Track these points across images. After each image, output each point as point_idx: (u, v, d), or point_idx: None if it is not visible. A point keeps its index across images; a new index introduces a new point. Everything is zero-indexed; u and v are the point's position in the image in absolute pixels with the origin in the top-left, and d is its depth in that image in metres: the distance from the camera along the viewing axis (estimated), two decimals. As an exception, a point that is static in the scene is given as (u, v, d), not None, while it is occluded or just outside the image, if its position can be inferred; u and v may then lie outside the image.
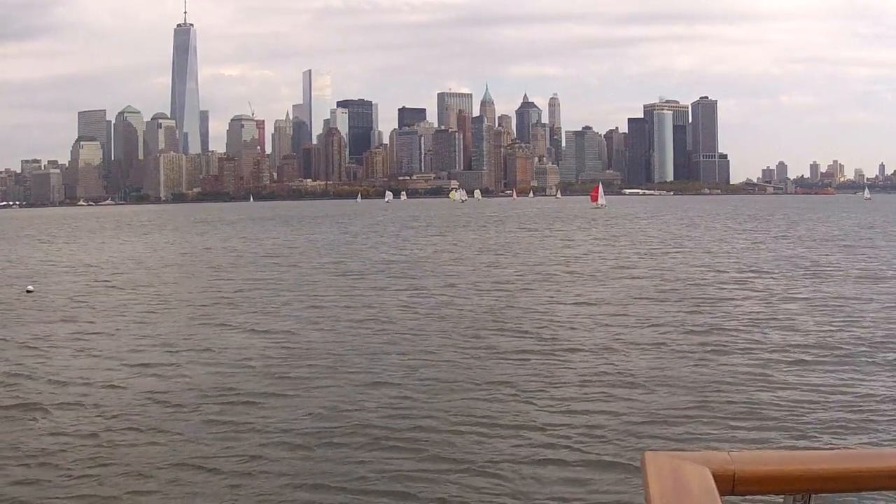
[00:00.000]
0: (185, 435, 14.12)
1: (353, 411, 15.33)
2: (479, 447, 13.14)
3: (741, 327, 23.61)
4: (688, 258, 48.98)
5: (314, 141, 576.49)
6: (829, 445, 11.82)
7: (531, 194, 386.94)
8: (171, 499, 11.37)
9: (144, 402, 16.22)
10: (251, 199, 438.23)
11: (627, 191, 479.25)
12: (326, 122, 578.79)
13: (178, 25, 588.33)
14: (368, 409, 15.49)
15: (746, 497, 2.13)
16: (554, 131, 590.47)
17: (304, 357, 20.47)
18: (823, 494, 2.17)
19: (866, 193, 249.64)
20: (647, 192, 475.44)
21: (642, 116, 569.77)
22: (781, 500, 2.18)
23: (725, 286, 33.93)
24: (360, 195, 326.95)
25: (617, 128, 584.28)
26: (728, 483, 2.04)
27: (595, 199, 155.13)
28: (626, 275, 39.18)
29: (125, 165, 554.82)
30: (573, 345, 21.34)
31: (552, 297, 31.04)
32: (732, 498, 2.08)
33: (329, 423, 14.63)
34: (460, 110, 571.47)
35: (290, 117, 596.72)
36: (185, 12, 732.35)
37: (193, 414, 15.45)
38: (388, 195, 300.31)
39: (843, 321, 24.42)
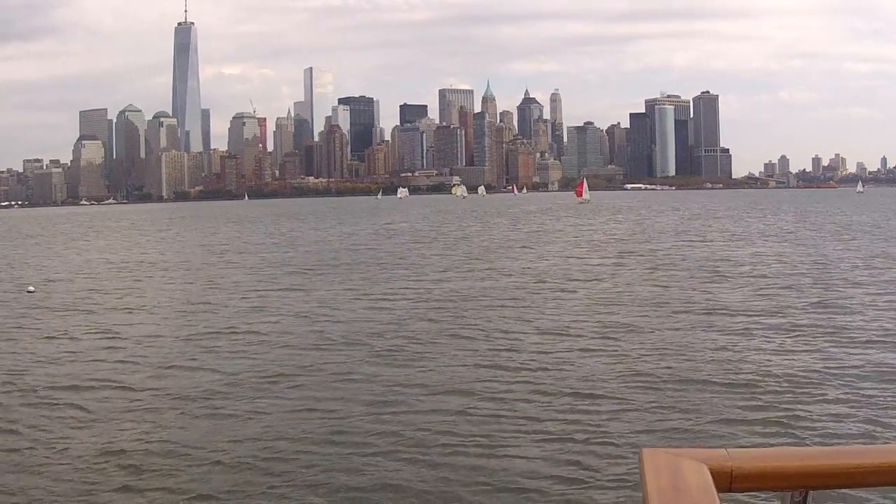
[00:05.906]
0: (281, 411, 14.57)
1: (452, 389, 15.78)
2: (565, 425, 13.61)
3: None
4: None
5: (316, 138, 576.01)
6: (827, 442, 12.21)
7: (524, 190, 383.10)
8: (273, 468, 11.79)
9: (236, 383, 16.70)
10: (246, 197, 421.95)
11: (629, 186, 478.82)
12: (328, 119, 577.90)
13: (179, 24, 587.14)
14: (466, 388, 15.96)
15: (744, 494, 2.14)
16: (555, 127, 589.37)
17: (394, 337, 21.08)
18: (821, 490, 2.19)
19: (859, 187, 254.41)
20: (649, 187, 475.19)
21: (644, 111, 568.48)
22: (779, 496, 2.20)
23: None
24: (381, 192, 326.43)
25: (618, 123, 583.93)
26: (726, 480, 2.06)
27: (580, 194, 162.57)
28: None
29: (127, 164, 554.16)
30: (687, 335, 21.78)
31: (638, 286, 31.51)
32: (731, 495, 2.08)
33: (433, 396, 15.14)
34: (462, 106, 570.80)
35: (292, 115, 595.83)
36: (186, 11, 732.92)
37: (287, 388, 15.93)
38: (401, 191, 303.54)
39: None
